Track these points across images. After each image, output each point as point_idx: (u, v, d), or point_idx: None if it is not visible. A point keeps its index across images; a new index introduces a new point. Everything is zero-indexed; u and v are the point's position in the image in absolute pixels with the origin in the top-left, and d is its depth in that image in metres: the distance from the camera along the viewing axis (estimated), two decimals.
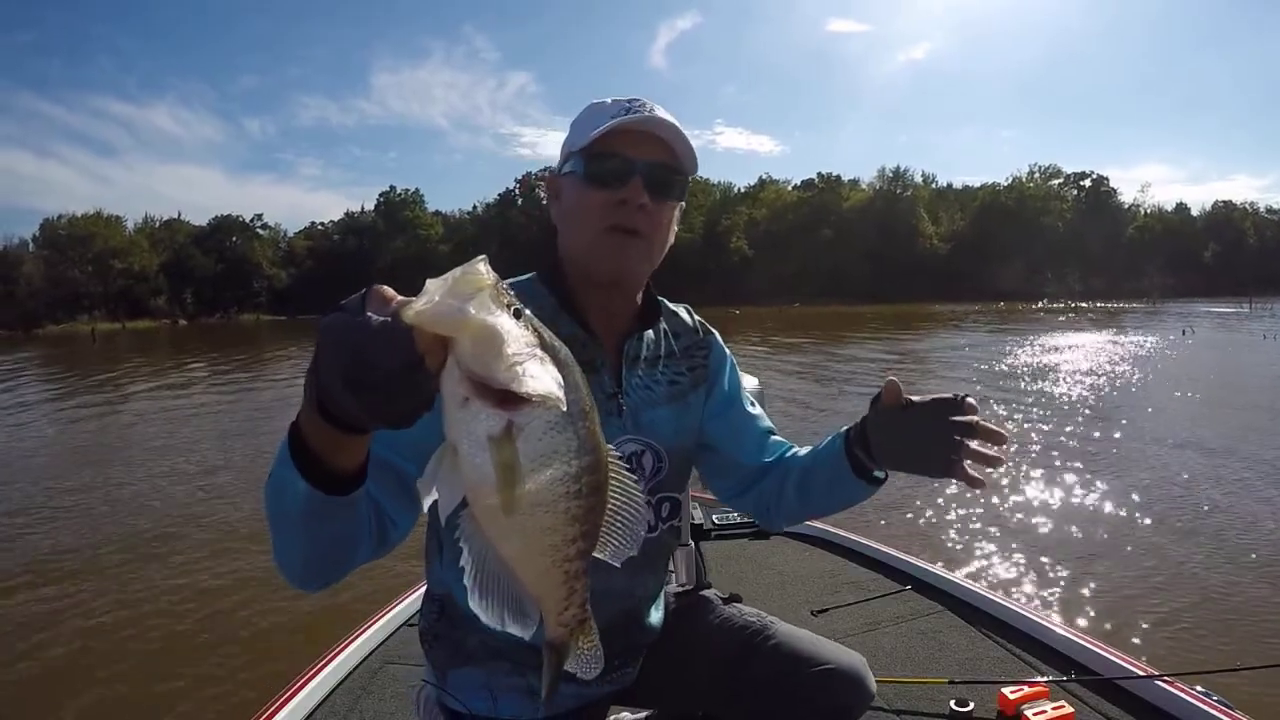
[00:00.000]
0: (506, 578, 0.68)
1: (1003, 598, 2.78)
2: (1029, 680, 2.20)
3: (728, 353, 1.44)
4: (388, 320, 0.60)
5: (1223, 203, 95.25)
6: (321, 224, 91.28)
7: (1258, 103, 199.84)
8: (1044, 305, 54.47)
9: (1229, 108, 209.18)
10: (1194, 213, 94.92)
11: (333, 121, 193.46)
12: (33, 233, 75.80)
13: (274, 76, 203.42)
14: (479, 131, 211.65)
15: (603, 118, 1.17)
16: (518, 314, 0.62)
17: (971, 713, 2.10)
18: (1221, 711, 1.94)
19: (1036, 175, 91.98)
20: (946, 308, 50.79)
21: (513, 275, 1.20)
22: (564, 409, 0.62)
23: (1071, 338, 25.24)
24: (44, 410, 14.97)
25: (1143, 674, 2.14)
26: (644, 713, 1.55)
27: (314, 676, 2.28)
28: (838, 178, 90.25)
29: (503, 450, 0.60)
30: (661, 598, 1.45)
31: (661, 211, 1.20)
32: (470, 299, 0.59)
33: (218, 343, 38.09)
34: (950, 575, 2.99)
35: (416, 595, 2.84)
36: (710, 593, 1.53)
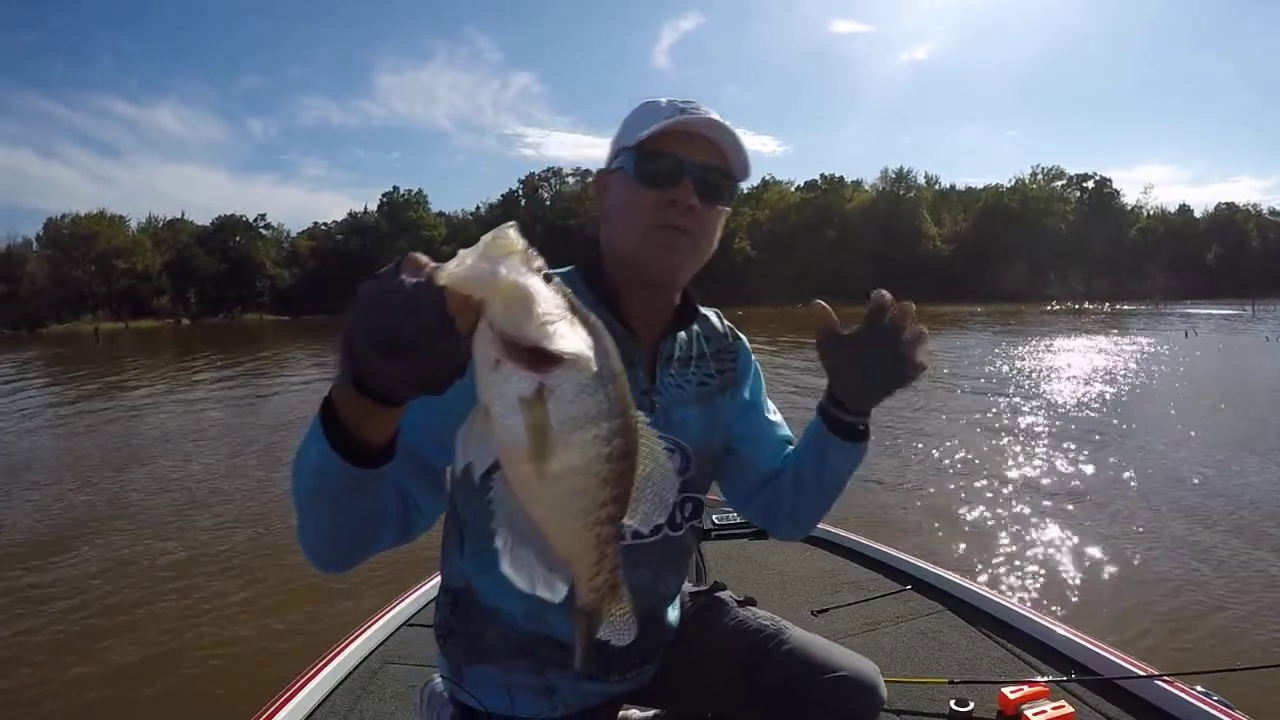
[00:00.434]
0: (538, 542, 0.68)
1: (1003, 598, 2.78)
2: (1029, 680, 2.20)
3: (754, 359, 1.45)
4: (420, 281, 0.62)
5: (1226, 205, 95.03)
6: (325, 224, 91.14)
7: (1261, 104, 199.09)
8: (1048, 307, 54.31)
9: (1232, 109, 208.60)
10: (1197, 214, 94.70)
11: (335, 122, 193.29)
12: (36, 232, 75.80)
13: (276, 77, 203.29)
14: (482, 132, 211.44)
15: (657, 117, 1.17)
16: (547, 278, 0.63)
17: (971, 713, 2.10)
18: (1221, 711, 1.94)
19: (1039, 177, 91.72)
20: (950, 309, 50.68)
21: None
22: (595, 370, 0.62)
23: (1073, 340, 25.21)
24: (48, 408, 15.01)
25: (1143, 674, 2.13)
26: (652, 711, 1.55)
27: (314, 676, 2.27)
28: (841, 179, 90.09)
29: (534, 412, 0.60)
30: (678, 598, 1.46)
31: (709, 215, 1.20)
32: (501, 261, 0.61)
33: (221, 342, 38.10)
34: (950, 575, 2.98)
35: (416, 595, 2.85)
36: (726, 594, 1.54)
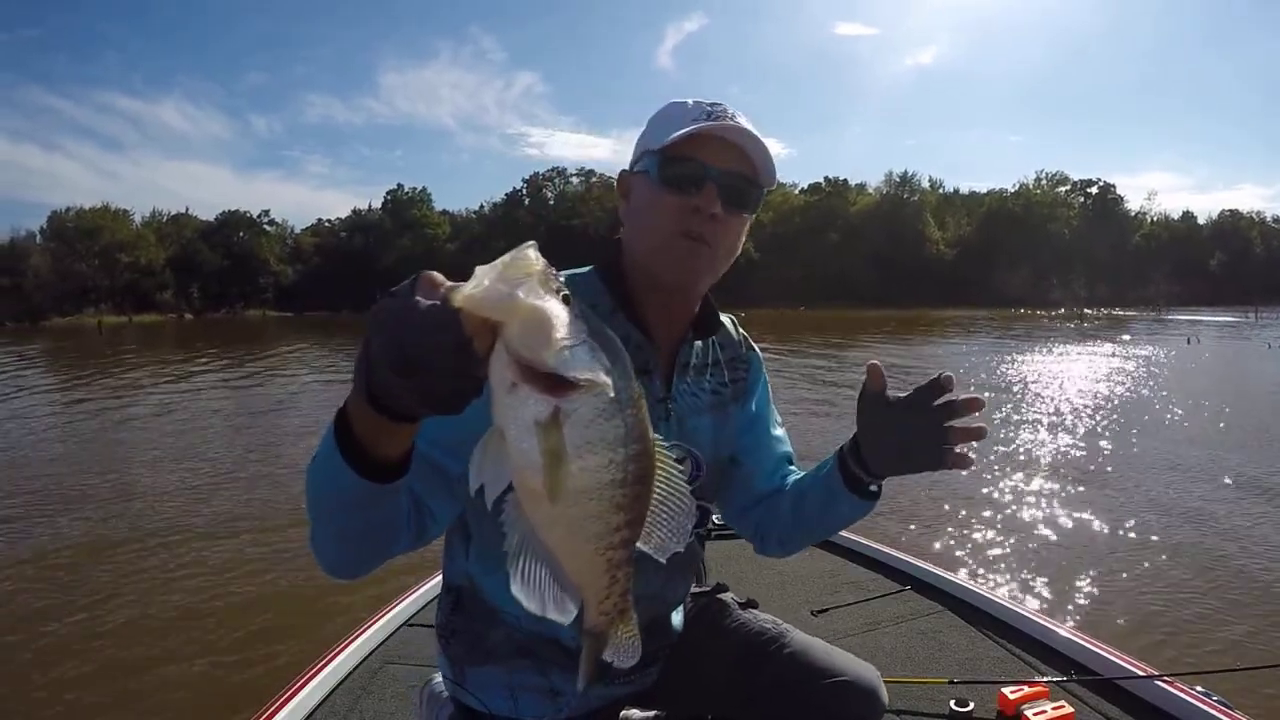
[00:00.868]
0: (549, 564, 0.67)
1: (1003, 598, 2.79)
2: (1029, 680, 2.20)
3: (764, 371, 1.44)
4: (435, 303, 0.60)
5: (1229, 212, 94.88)
6: (329, 221, 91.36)
7: (1266, 112, 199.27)
8: (1051, 313, 54.28)
9: (1237, 116, 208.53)
10: (1200, 221, 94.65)
11: (339, 120, 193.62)
12: (40, 225, 75.96)
13: (281, 75, 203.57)
14: (486, 131, 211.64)
15: (683, 119, 1.14)
16: (566, 300, 0.62)
17: (971, 713, 2.10)
18: (1221, 711, 1.94)
19: (1043, 182, 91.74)
20: (952, 313, 50.72)
21: None
22: (612, 395, 0.61)
23: (1075, 345, 25.23)
24: (52, 400, 15.05)
25: (1143, 674, 2.14)
26: (653, 712, 1.55)
27: (314, 676, 2.28)
28: (845, 182, 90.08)
29: (549, 436, 0.60)
30: (683, 601, 1.46)
31: (732, 223, 1.17)
32: (520, 283, 0.59)
33: (225, 338, 38.14)
34: (950, 575, 2.99)
35: (417, 595, 2.86)
36: (728, 596, 1.54)
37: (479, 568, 1.22)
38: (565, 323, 0.60)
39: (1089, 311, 54.60)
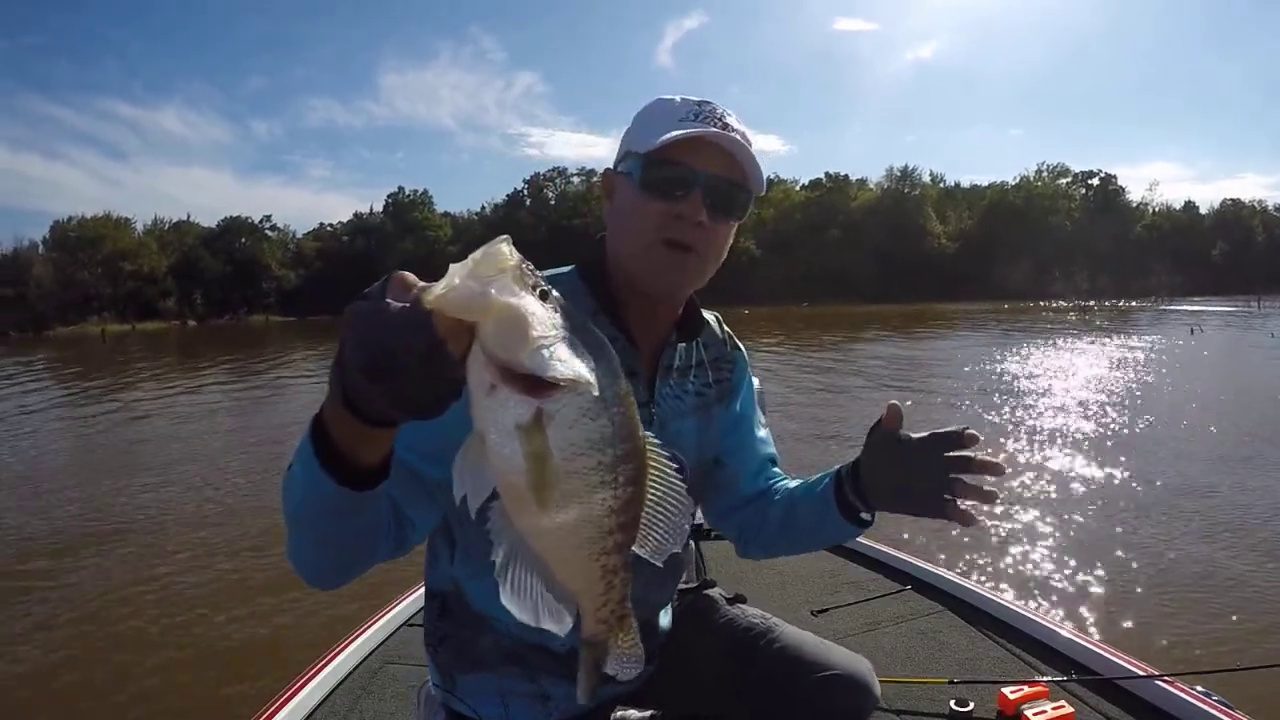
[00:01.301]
0: (541, 573, 0.64)
1: (1003, 598, 2.78)
2: (1029, 680, 2.19)
3: (749, 371, 1.43)
4: (407, 306, 0.58)
5: (1231, 201, 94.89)
6: (330, 225, 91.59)
7: (1266, 101, 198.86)
8: (1052, 305, 54.20)
9: (1237, 106, 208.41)
10: (1202, 211, 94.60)
11: (340, 123, 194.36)
12: (43, 235, 76.35)
13: (281, 78, 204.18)
14: (486, 132, 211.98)
15: (669, 120, 1.10)
16: (544, 295, 0.59)
17: (971, 713, 2.10)
18: (1221, 711, 1.93)
19: (1044, 174, 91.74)
20: (954, 307, 50.63)
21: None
22: (596, 394, 0.59)
23: (1077, 338, 25.15)
24: (57, 410, 15.08)
25: (1143, 674, 2.13)
26: (649, 712, 1.55)
27: (314, 676, 2.28)
28: (845, 177, 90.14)
29: (532, 439, 0.57)
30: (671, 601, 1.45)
31: (720, 229, 1.14)
32: (492, 281, 0.57)
33: (228, 344, 38.20)
34: (950, 575, 2.98)
35: (416, 595, 2.84)
36: (715, 592, 1.53)
37: (464, 572, 1.20)
38: (542, 320, 0.58)
39: (1091, 304, 54.48)
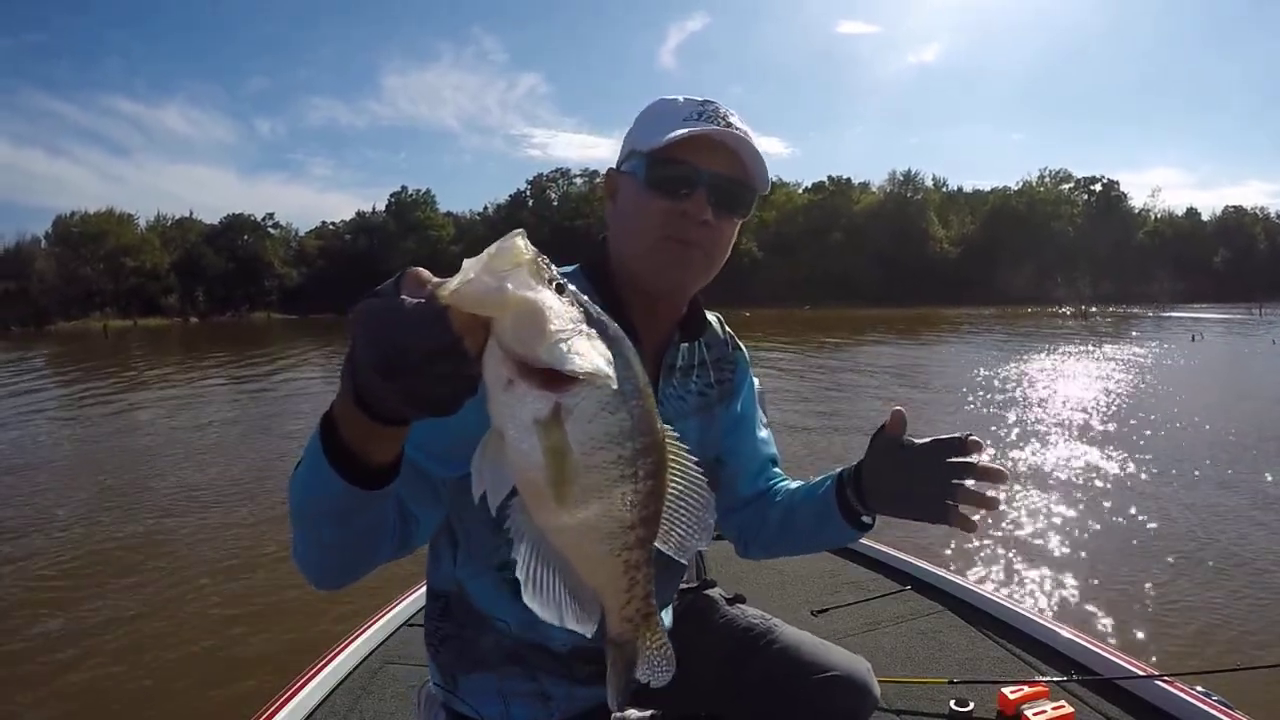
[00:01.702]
0: (562, 571, 0.63)
1: (1003, 598, 2.78)
2: (1029, 680, 2.20)
3: (751, 371, 1.43)
4: (421, 302, 0.57)
5: (1234, 208, 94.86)
6: (333, 224, 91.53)
7: (1269, 108, 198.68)
8: (1054, 310, 54.12)
9: (1240, 112, 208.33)
10: (1204, 218, 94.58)
11: (343, 122, 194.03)
12: (45, 230, 76.34)
13: (284, 77, 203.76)
14: (489, 132, 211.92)
15: (673, 119, 1.10)
16: (560, 289, 0.58)
17: (971, 713, 2.10)
18: (1221, 711, 1.93)
19: (1047, 179, 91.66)
20: (957, 311, 50.64)
21: None
22: (615, 387, 0.57)
23: (1079, 343, 25.15)
24: (61, 403, 15.10)
25: (1143, 674, 2.13)
26: (649, 712, 1.55)
27: (314, 676, 2.28)
28: (848, 180, 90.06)
29: (551, 434, 0.56)
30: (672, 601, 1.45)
31: (724, 227, 1.14)
32: (508, 275, 0.56)
33: (230, 341, 38.21)
34: (950, 575, 2.99)
35: (417, 595, 2.84)
36: (715, 592, 1.53)
37: (466, 572, 1.20)
38: (559, 313, 0.57)
39: (1093, 310, 54.40)
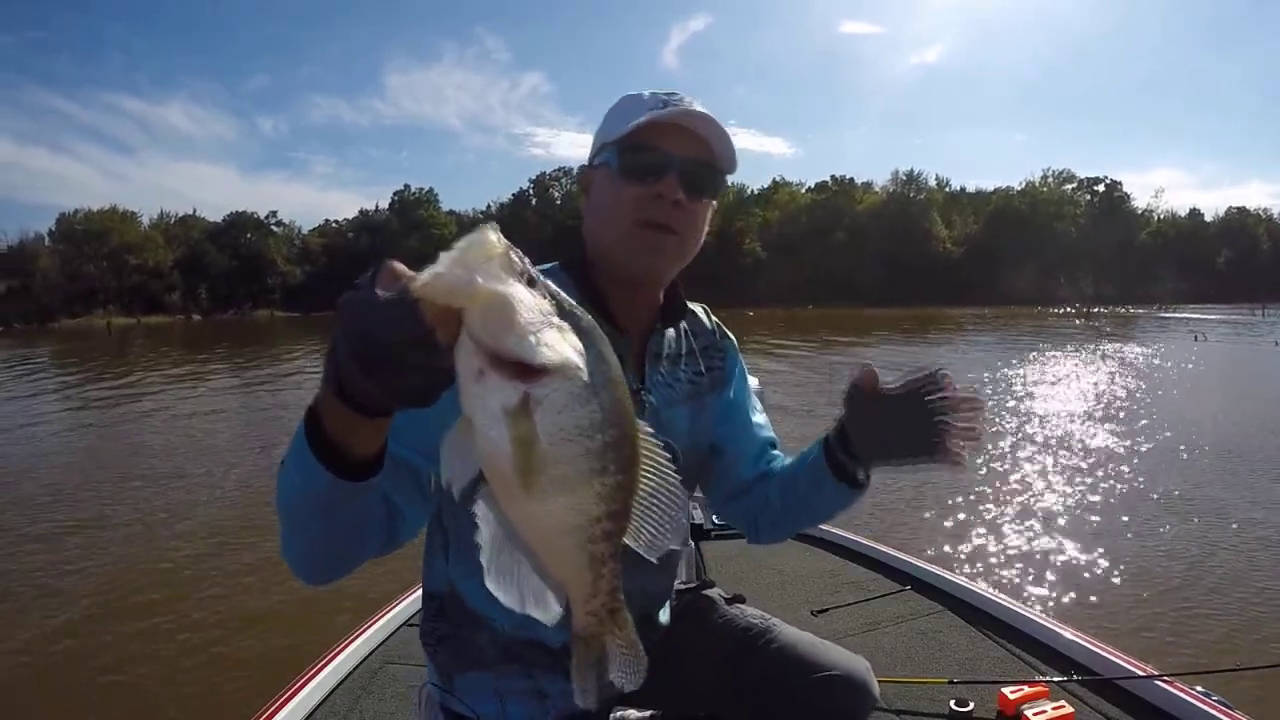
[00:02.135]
0: (527, 559, 0.64)
1: (1003, 598, 2.79)
2: (1029, 680, 2.20)
3: (740, 358, 1.44)
4: (394, 295, 0.58)
5: (1237, 209, 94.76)
6: (336, 222, 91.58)
7: (1272, 108, 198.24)
8: (1057, 311, 54.08)
9: (1243, 113, 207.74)
10: (1207, 218, 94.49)
11: (345, 121, 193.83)
12: (48, 228, 76.25)
13: (286, 76, 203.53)
14: (492, 131, 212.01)
15: (639, 110, 1.14)
16: (532, 282, 0.59)
17: (971, 713, 2.11)
18: (1221, 711, 1.93)
19: (1050, 180, 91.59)
20: (960, 312, 50.60)
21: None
22: (585, 379, 0.58)
23: (1081, 343, 25.14)
24: (66, 401, 15.15)
25: (1143, 674, 2.13)
26: (648, 712, 1.55)
27: (314, 676, 2.29)
28: (851, 180, 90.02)
29: (519, 424, 0.57)
30: (669, 598, 1.44)
31: (696, 209, 1.17)
32: (478, 268, 0.57)
33: (233, 338, 38.24)
34: (950, 575, 2.99)
35: (416, 595, 2.84)
36: (714, 592, 1.52)
37: (459, 572, 1.21)
38: (529, 305, 0.58)
39: (1095, 310, 54.33)
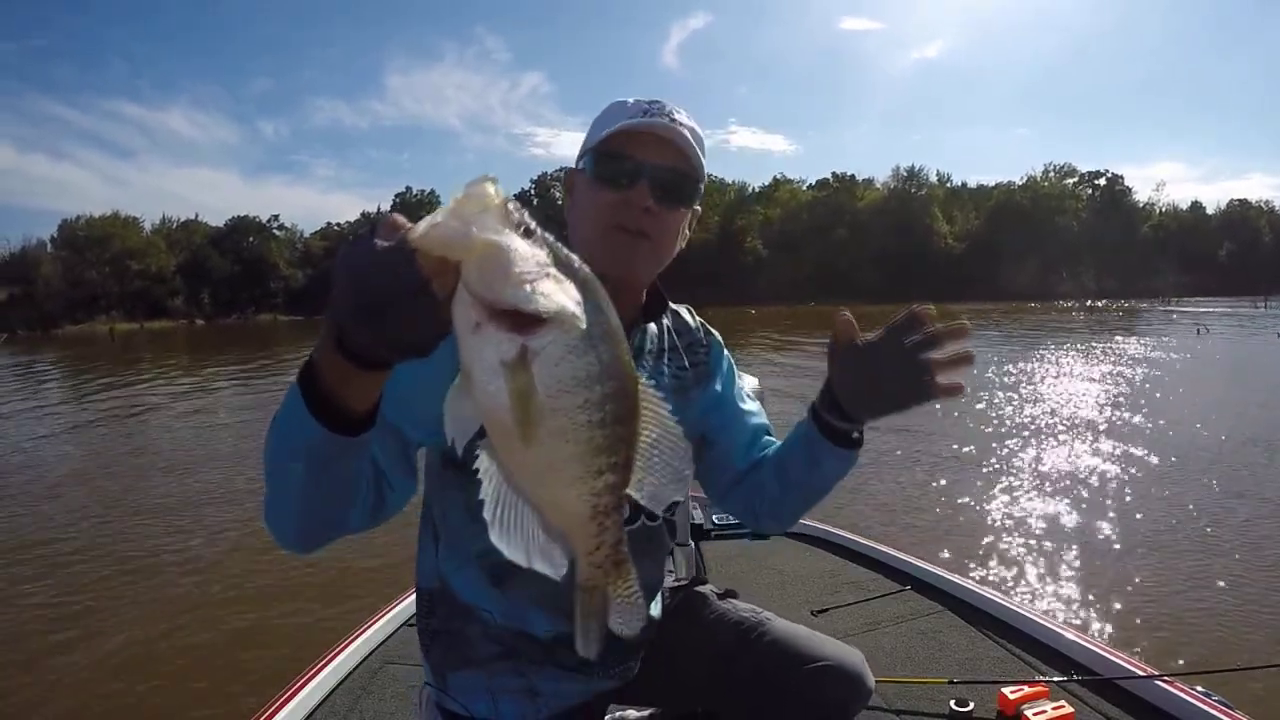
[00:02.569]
0: (530, 512, 0.64)
1: (1003, 598, 2.78)
2: (1029, 680, 2.20)
3: (726, 351, 1.44)
4: (391, 245, 0.58)
5: (1238, 201, 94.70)
6: (338, 224, 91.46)
7: (1273, 101, 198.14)
8: (1059, 305, 54.02)
9: (1241, 104, 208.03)
10: (1209, 211, 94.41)
11: (346, 123, 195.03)
12: (51, 234, 76.28)
13: (287, 79, 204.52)
14: (492, 132, 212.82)
15: (620, 117, 1.16)
16: (529, 233, 0.58)
17: (971, 713, 2.10)
18: (1221, 711, 1.93)
19: (1051, 174, 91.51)
20: (961, 307, 50.49)
21: None
22: (583, 329, 0.58)
23: (1082, 338, 25.16)
24: (69, 407, 15.15)
25: (1143, 674, 2.13)
26: (647, 710, 1.55)
27: (314, 676, 2.29)
28: (852, 177, 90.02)
29: (517, 376, 0.56)
30: (659, 593, 1.44)
31: (669, 216, 1.19)
32: (475, 219, 0.56)
33: (237, 343, 38.29)
34: (950, 575, 2.98)
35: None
36: (706, 588, 1.52)
37: (449, 565, 1.23)
38: (525, 256, 0.57)
39: (1098, 304, 54.27)
